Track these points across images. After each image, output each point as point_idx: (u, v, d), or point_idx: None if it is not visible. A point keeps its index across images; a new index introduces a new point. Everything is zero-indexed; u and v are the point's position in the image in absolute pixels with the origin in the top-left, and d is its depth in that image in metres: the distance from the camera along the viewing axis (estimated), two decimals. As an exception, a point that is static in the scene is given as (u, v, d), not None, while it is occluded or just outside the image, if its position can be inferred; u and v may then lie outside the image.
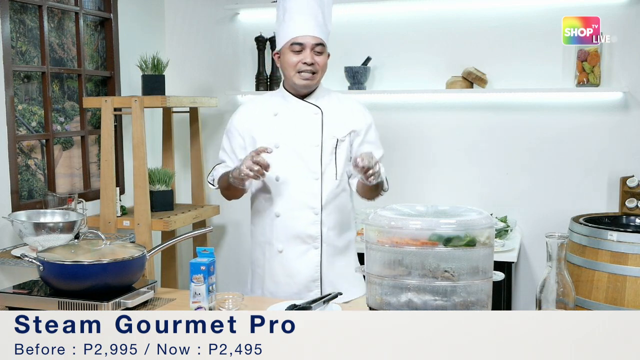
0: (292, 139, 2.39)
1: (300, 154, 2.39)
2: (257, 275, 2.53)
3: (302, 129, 2.41)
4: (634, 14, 3.52)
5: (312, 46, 2.35)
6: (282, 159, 2.36)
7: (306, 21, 2.36)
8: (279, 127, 2.41)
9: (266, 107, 2.48)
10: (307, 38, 2.35)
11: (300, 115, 2.42)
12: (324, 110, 2.43)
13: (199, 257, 1.98)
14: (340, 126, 2.43)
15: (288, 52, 2.37)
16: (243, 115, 2.50)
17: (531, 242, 3.75)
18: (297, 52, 2.35)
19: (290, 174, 2.39)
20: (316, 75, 2.39)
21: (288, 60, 2.37)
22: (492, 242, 1.78)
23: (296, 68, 2.36)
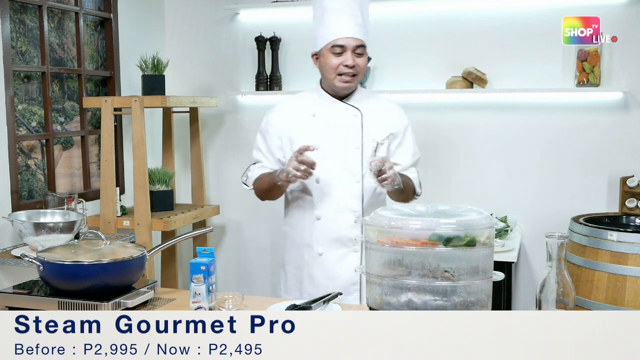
0: (332, 141, 2.35)
1: (340, 156, 2.36)
2: (294, 276, 2.49)
3: (341, 131, 2.37)
4: (634, 14, 3.52)
5: (353, 48, 2.31)
6: (322, 161, 2.29)
7: (347, 22, 2.31)
8: (317, 129, 2.37)
9: (303, 107, 2.44)
10: (348, 40, 2.30)
11: (339, 117, 2.39)
12: (363, 112, 2.39)
13: (199, 257, 1.98)
14: (379, 129, 2.40)
15: (328, 54, 2.33)
16: (280, 115, 2.48)
17: (531, 242, 3.75)
18: (338, 54, 2.31)
19: (331, 176, 2.35)
20: (356, 78, 2.35)
21: (328, 63, 2.33)
22: (492, 242, 1.78)
23: (337, 70, 2.32)
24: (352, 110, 2.39)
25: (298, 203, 2.45)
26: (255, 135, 4.33)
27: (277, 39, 3.99)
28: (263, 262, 4.27)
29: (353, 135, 2.37)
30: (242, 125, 4.20)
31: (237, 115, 4.21)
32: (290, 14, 4.01)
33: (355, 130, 2.37)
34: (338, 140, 2.36)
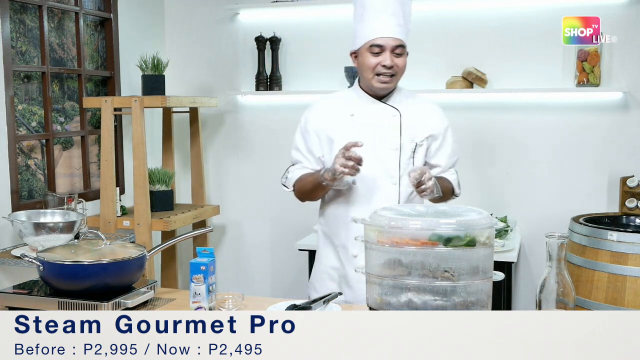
0: (370, 141, 2.26)
1: (378, 157, 2.30)
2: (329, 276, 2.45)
3: (380, 132, 2.32)
4: (634, 14, 3.52)
5: (392, 48, 2.27)
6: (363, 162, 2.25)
7: (387, 21, 2.27)
8: (356, 129, 2.32)
9: (341, 106, 2.40)
10: (387, 40, 2.26)
11: (378, 117, 2.34)
12: (403, 112, 2.35)
13: (199, 257, 1.98)
14: (418, 130, 2.35)
15: (366, 53, 2.29)
16: (318, 114, 2.43)
17: (531, 242, 3.75)
18: (376, 54, 2.27)
19: (368, 177, 2.30)
20: (395, 78, 2.31)
21: (366, 62, 2.29)
22: (492, 242, 1.78)
23: (375, 70, 2.28)
24: (391, 110, 2.35)
25: (334, 203, 2.39)
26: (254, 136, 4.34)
27: (277, 39, 4.00)
28: (263, 262, 4.27)
29: (392, 136, 2.32)
30: (242, 125, 4.21)
31: (237, 115, 4.21)
32: (290, 14, 4.01)
33: (394, 131, 2.33)
34: (376, 140, 2.31)
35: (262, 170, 4.19)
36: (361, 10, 2.34)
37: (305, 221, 4.06)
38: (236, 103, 4.21)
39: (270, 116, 4.15)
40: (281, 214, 4.18)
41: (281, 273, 4.24)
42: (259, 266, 4.29)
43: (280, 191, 4.16)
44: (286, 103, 4.12)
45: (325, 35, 3.98)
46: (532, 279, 3.76)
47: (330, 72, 3.97)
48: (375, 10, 2.28)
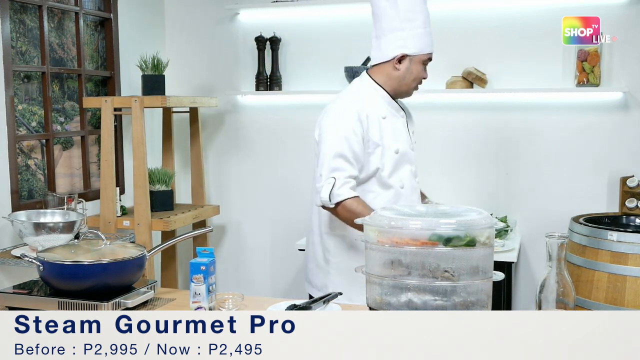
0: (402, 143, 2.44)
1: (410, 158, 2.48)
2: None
3: (404, 133, 2.48)
4: (634, 14, 3.52)
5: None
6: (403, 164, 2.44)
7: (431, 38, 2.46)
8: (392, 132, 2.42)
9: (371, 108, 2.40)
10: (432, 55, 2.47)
11: (397, 119, 2.48)
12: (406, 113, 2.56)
13: (199, 257, 1.98)
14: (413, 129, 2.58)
15: (420, 64, 2.43)
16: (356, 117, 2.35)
17: (531, 242, 3.75)
18: (425, 64, 2.45)
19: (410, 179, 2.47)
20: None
21: (416, 71, 2.43)
22: (492, 242, 1.78)
23: (417, 80, 2.45)
24: (401, 111, 2.51)
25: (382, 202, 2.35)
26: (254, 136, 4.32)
27: (277, 39, 4.00)
28: (263, 262, 4.27)
29: (407, 135, 2.50)
30: (242, 125, 4.21)
31: (237, 115, 4.21)
32: (290, 14, 4.01)
33: (406, 130, 2.50)
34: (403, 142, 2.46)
35: (262, 170, 4.19)
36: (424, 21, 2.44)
37: (305, 221, 4.06)
38: (236, 103, 4.21)
39: (270, 116, 4.15)
40: (281, 214, 4.18)
41: (281, 273, 4.24)
42: (259, 266, 4.29)
43: (280, 191, 4.20)
44: (286, 103, 4.12)
45: (325, 35, 3.98)
46: (532, 279, 3.76)
47: (330, 72, 3.97)
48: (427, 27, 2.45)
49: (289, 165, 4.13)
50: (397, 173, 2.41)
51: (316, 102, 4.05)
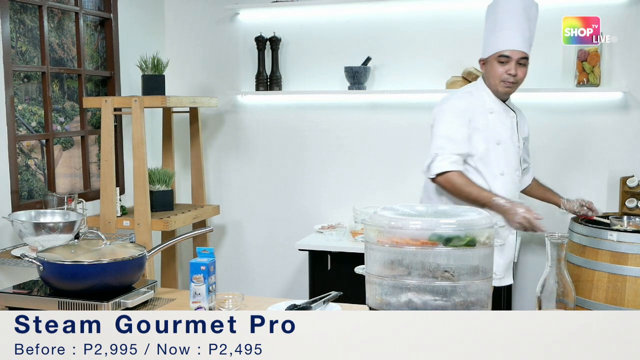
0: (506, 137, 2.71)
1: (512, 152, 2.73)
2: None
3: (510, 130, 2.73)
4: (634, 14, 3.52)
5: (518, 59, 2.63)
6: (504, 155, 2.69)
7: (515, 37, 2.62)
8: (497, 125, 2.70)
9: (482, 102, 2.71)
10: (514, 52, 2.62)
11: (506, 117, 2.73)
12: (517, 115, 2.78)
13: (199, 257, 1.98)
14: (523, 130, 2.84)
15: (494, 62, 2.65)
16: (469, 104, 2.69)
17: (531, 242, 3.75)
18: (502, 63, 2.63)
19: (510, 169, 2.72)
20: (516, 85, 2.67)
21: (494, 70, 2.65)
22: (492, 242, 1.78)
23: (501, 77, 2.64)
24: (510, 112, 2.76)
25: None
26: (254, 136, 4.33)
27: (277, 39, 4.00)
28: (263, 262, 4.27)
29: (515, 133, 2.75)
30: (242, 125, 4.21)
31: (237, 115, 4.21)
32: (290, 14, 4.01)
33: (515, 130, 2.76)
34: (509, 138, 2.72)
35: (262, 170, 4.19)
36: (493, 24, 2.67)
37: (305, 221, 4.07)
38: (236, 103, 4.21)
39: (270, 116, 4.15)
40: (281, 214, 4.18)
41: (281, 273, 4.24)
42: (259, 266, 4.29)
43: (280, 191, 4.20)
44: (286, 103, 4.12)
45: (325, 35, 3.98)
46: (532, 279, 3.76)
47: (330, 72, 3.97)
48: (506, 27, 2.62)
49: (289, 165, 4.13)
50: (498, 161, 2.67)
51: (316, 102, 4.06)
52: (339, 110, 4.02)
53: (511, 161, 2.73)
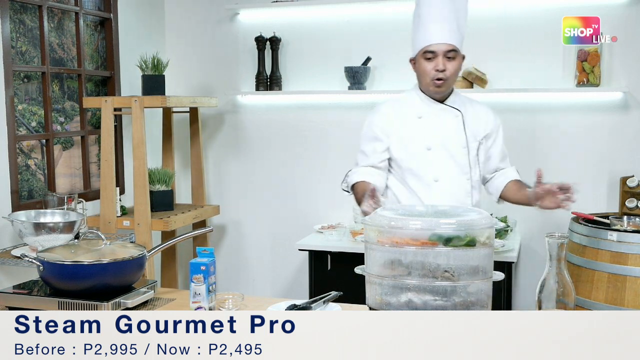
0: (442, 141, 2.48)
1: (452, 155, 2.49)
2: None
3: (448, 132, 2.50)
4: (634, 14, 3.52)
5: (444, 53, 2.43)
6: (437, 161, 2.47)
7: (439, 29, 2.44)
8: (426, 130, 2.49)
9: (408, 108, 2.54)
10: (439, 46, 2.43)
11: (443, 119, 2.51)
12: (463, 113, 2.53)
13: (199, 257, 1.98)
14: (477, 129, 2.55)
15: (421, 59, 2.47)
16: (385, 116, 2.55)
17: (531, 242, 3.75)
18: (429, 59, 2.44)
19: (446, 175, 2.48)
20: (447, 82, 2.46)
21: (421, 68, 2.47)
22: (492, 242, 1.78)
23: (429, 75, 2.45)
24: (452, 111, 2.52)
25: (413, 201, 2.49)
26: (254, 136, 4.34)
27: (277, 39, 4.00)
28: (263, 262, 4.27)
29: (459, 135, 2.50)
30: (242, 125, 4.21)
31: (237, 115, 4.21)
32: (290, 14, 4.01)
33: (460, 131, 2.51)
34: (447, 140, 2.49)
35: (262, 170, 4.19)
36: (417, 19, 2.51)
37: (305, 221, 4.07)
38: (236, 103, 4.21)
39: (270, 116, 4.15)
40: (281, 214, 4.18)
41: (281, 273, 4.24)
42: (259, 266, 4.29)
43: (280, 191, 4.19)
44: (286, 103, 4.12)
45: (325, 35, 3.98)
46: (532, 279, 3.76)
47: (330, 72, 3.97)
48: (429, 20, 2.45)
49: (289, 165, 4.13)
50: (432, 167, 2.47)
51: (316, 102, 4.06)
52: (339, 110, 4.02)
53: (449, 166, 2.49)
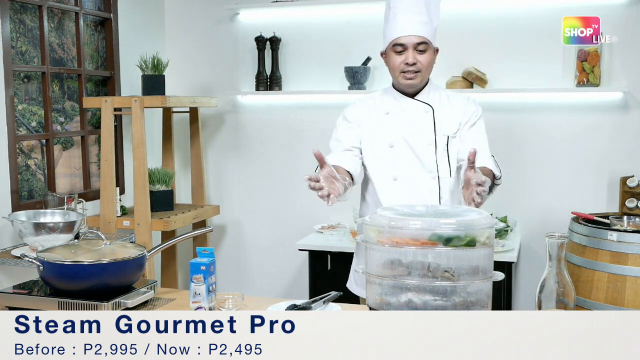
0: (405, 138, 2.37)
1: (415, 152, 2.37)
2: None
3: (414, 128, 2.38)
4: (634, 14, 3.52)
5: (414, 45, 2.34)
6: (398, 158, 2.36)
7: (408, 20, 2.35)
8: (391, 126, 2.40)
9: (378, 105, 2.46)
10: (409, 38, 2.34)
11: (411, 114, 2.40)
12: (435, 107, 2.41)
13: (199, 257, 1.98)
14: (450, 123, 2.40)
15: (391, 53, 2.38)
16: (358, 110, 2.48)
17: (531, 242, 3.75)
18: (400, 52, 2.35)
19: (407, 173, 2.37)
20: (419, 74, 2.36)
21: (391, 61, 2.38)
22: (492, 242, 1.78)
23: (399, 69, 2.35)
24: (423, 106, 2.41)
25: (375, 201, 2.41)
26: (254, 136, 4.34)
27: (277, 39, 4.00)
28: (263, 262, 4.27)
29: (426, 131, 2.38)
30: (242, 125, 4.21)
31: (237, 115, 4.21)
32: (290, 14, 4.01)
33: (428, 126, 2.38)
34: (412, 137, 2.37)
35: (262, 170, 4.19)
36: (387, 12, 2.43)
37: (305, 221, 4.06)
38: (236, 103, 4.21)
39: (270, 116, 4.15)
40: (281, 214, 4.18)
41: (281, 273, 4.24)
42: (259, 266, 4.29)
43: (280, 191, 4.19)
44: (286, 103, 4.12)
45: (325, 35, 3.98)
46: (532, 279, 3.76)
47: (330, 72, 3.97)
48: (399, 12, 2.36)
49: (289, 165, 4.13)
50: (392, 165, 2.36)
51: (316, 102, 4.06)
52: (339, 110, 4.00)
53: (411, 164, 2.37)
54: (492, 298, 1.80)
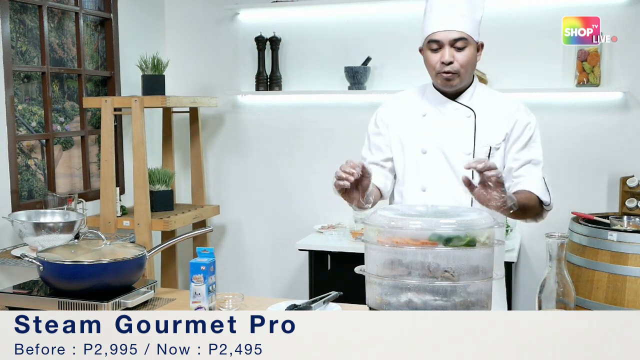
0: (440, 145, 2.12)
1: (450, 162, 2.13)
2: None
3: (452, 134, 2.13)
4: (634, 14, 3.52)
5: (451, 42, 2.06)
6: (429, 167, 2.13)
7: (445, 15, 2.08)
8: (426, 130, 2.15)
9: (414, 105, 2.22)
10: (445, 34, 2.06)
11: (450, 118, 2.15)
12: (478, 112, 2.14)
13: (199, 257, 1.98)
14: (495, 131, 2.13)
15: (426, 50, 2.13)
16: (388, 111, 2.26)
17: (531, 242, 3.75)
18: (435, 50, 2.09)
19: (438, 184, 2.14)
20: (457, 75, 2.09)
21: (427, 60, 2.13)
22: (492, 242, 1.78)
23: (435, 68, 2.10)
24: (465, 110, 2.14)
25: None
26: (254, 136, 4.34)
27: (277, 39, 4.00)
28: (263, 262, 4.27)
29: (465, 138, 2.12)
30: (242, 125, 4.21)
31: (237, 115, 4.21)
32: (290, 14, 4.01)
33: (467, 134, 2.13)
34: (447, 144, 2.13)
35: (262, 170, 4.19)
36: (426, 3, 2.17)
37: (305, 221, 4.07)
38: (236, 103, 4.21)
39: (270, 116, 4.15)
40: (281, 214, 4.18)
41: (281, 273, 4.24)
42: (259, 266, 4.29)
43: (280, 191, 4.19)
44: (286, 103, 4.12)
45: (325, 35, 3.98)
46: (532, 279, 3.76)
47: (330, 72, 3.97)
48: (435, 4, 2.11)
49: (289, 165, 4.13)
50: (422, 174, 2.16)
51: (316, 102, 4.06)
52: (339, 110, 4.02)
53: (444, 174, 2.13)
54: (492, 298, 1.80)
